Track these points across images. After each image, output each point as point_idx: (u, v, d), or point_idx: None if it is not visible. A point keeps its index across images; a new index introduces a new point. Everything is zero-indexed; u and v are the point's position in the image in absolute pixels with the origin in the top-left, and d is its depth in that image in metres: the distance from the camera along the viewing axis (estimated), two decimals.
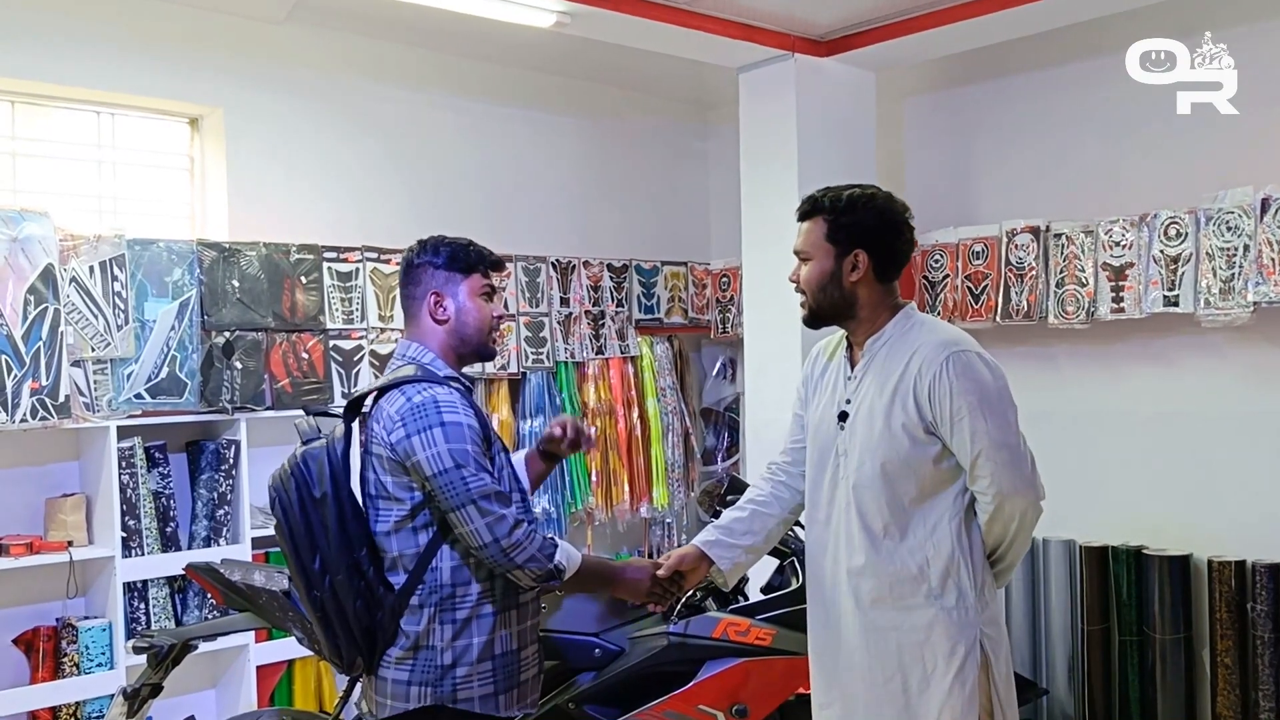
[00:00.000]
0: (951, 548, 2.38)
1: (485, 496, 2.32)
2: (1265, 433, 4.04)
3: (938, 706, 2.36)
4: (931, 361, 2.36)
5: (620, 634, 3.09)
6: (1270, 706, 3.86)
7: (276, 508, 2.41)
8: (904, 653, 2.40)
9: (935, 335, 2.42)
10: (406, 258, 2.57)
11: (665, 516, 5.46)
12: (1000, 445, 2.33)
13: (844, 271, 2.45)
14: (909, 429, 2.37)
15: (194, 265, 4.01)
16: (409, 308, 2.55)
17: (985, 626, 2.38)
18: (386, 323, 4.50)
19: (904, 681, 2.40)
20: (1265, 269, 3.79)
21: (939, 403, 2.34)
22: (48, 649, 3.75)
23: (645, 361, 5.37)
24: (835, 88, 4.61)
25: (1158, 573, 4.10)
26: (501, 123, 5.16)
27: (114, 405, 3.82)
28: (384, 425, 2.39)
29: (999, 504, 2.35)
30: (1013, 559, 2.45)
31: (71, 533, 3.78)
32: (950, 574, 2.38)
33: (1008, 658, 2.46)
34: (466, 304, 2.53)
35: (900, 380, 2.40)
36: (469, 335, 2.54)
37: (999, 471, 2.33)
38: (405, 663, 2.41)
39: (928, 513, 2.40)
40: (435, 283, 2.52)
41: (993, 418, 2.33)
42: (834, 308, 2.50)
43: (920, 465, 2.38)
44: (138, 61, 4.14)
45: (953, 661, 2.36)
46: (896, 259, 2.49)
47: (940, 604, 2.37)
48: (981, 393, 2.33)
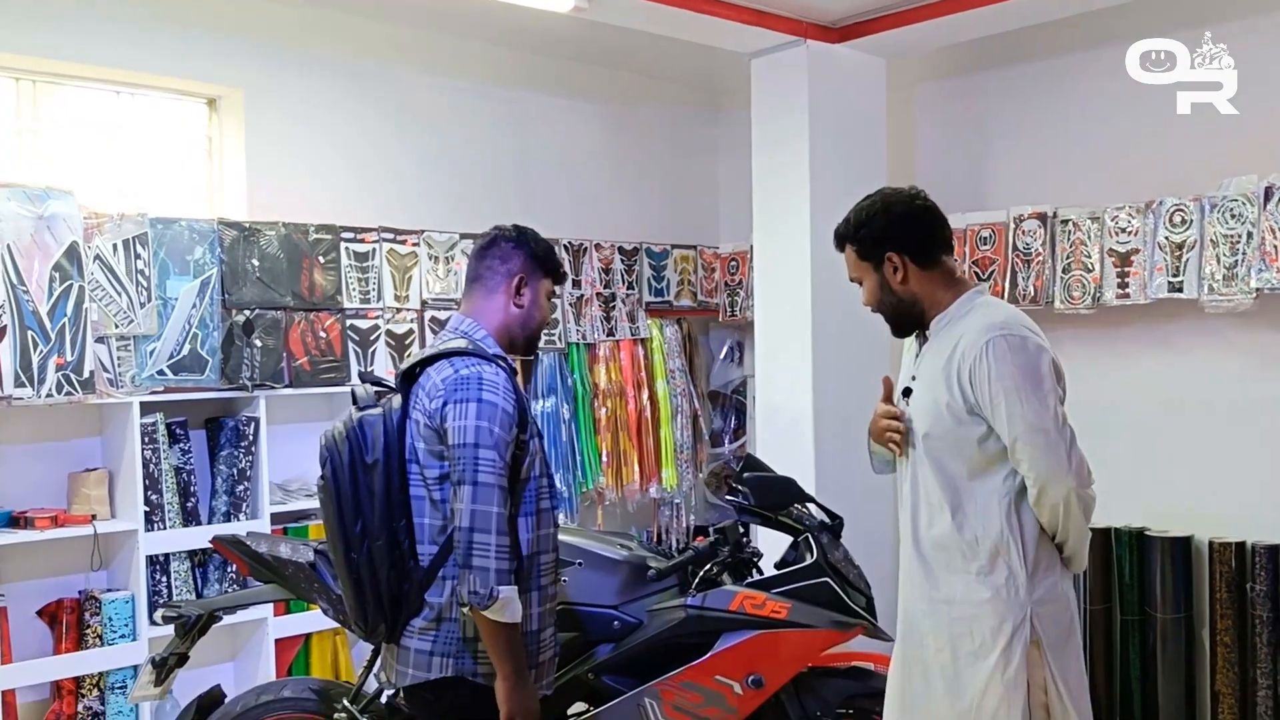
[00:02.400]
0: (1000, 528, 2.43)
1: (487, 484, 2.36)
2: (1266, 417, 4.10)
3: (983, 681, 2.42)
4: (974, 344, 2.42)
5: (639, 606, 3.15)
6: (1268, 684, 3.93)
7: (327, 467, 2.47)
8: (955, 625, 2.47)
9: (986, 318, 2.47)
10: (503, 234, 2.65)
11: (674, 497, 5.52)
12: (1036, 430, 2.37)
13: (889, 278, 2.57)
14: (953, 409, 2.45)
15: (215, 244, 4.06)
16: (487, 280, 2.62)
17: (1038, 606, 2.42)
18: (402, 303, 4.56)
19: (954, 652, 2.48)
20: (1268, 256, 3.85)
21: (980, 386, 2.41)
22: (71, 621, 3.81)
23: (655, 344, 5.43)
24: (846, 74, 4.65)
25: (1159, 554, 4.16)
26: (516, 106, 5.21)
27: (137, 381, 3.88)
28: (428, 392, 2.46)
29: (1040, 488, 2.39)
30: (1075, 545, 2.47)
31: (95, 506, 3.84)
32: (1000, 553, 2.43)
33: (1069, 638, 2.48)
34: (539, 299, 2.65)
35: (948, 361, 2.47)
36: (530, 326, 2.65)
37: (1036, 456, 2.37)
38: (428, 633, 2.47)
39: (978, 491, 2.46)
40: (524, 269, 2.62)
41: (1029, 402, 2.37)
42: (900, 312, 2.61)
43: (965, 445, 2.45)
44: (159, 42, 4.18)
45: (999, 639, 2.41)
46: (928, 242, 2.57)
47: (990, 581, 2.44)
48: (1019, 377, 2.37)
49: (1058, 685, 2.43)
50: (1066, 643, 2.47)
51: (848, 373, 4.60)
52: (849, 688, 3.17)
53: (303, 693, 3.22)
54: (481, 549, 2.33)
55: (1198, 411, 4.27)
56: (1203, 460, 4.25)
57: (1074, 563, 2.53)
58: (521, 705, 2.41)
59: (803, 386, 4.54)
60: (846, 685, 3.18)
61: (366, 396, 2.58)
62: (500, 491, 2.37)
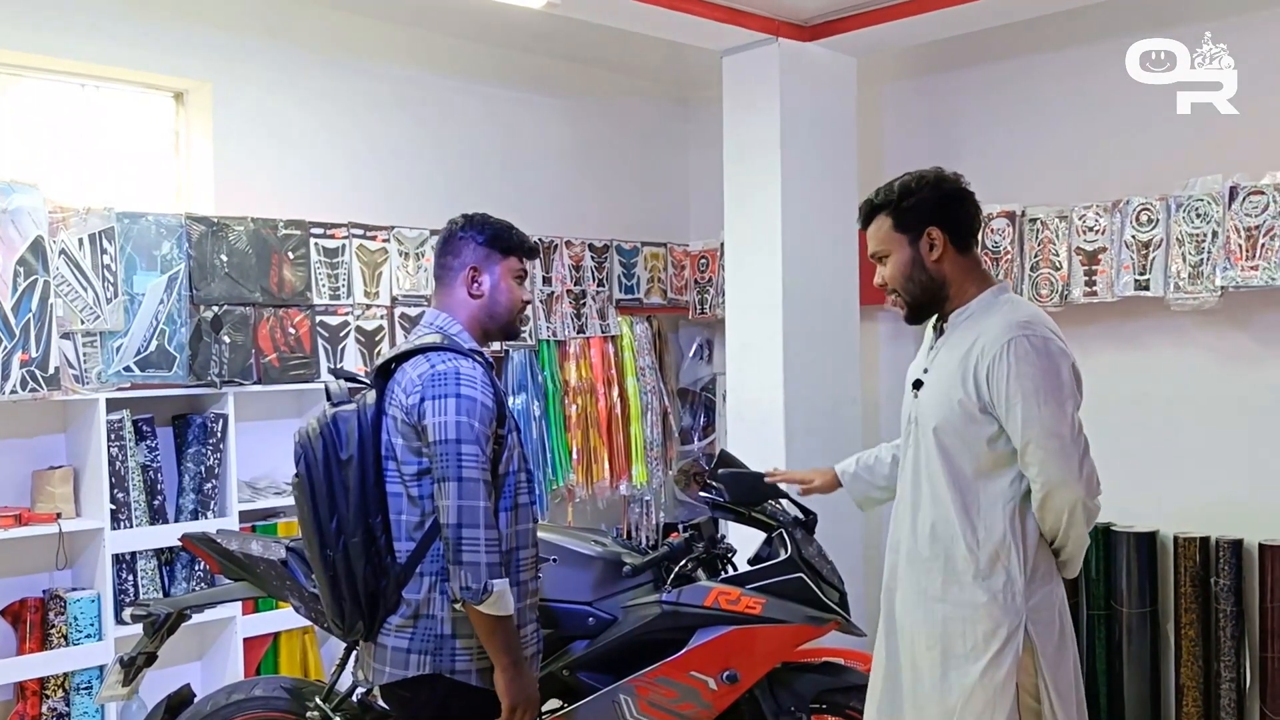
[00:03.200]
0: (1003, 531, 2.41)
1: (472, 480, 2.35)
2: (1230, 414, 4.16)
3: (971, 683, 2.41)
4: (994, 343, 2.38)
5: (613, 603, 3.15)
6: (1231, 677, 3.99)
7: (301, 464, 2.45)
8: (949, 625, 2.45)
9: (1008, 316, 2.42)
10: (449, 229, 2.63)
11: (644, 494, 5.52)
12: (1051, 434, 2.34)
13: (924, 254, 2.50)
14: (966, 406, 2.41)
15: (183, 239, 4.02)
16: (444, 277, 2.61)
17: (1033, 614, 2.40)
18: (372, 299, 4.53)
19: (944, 652, 2.46)
20: (1233, 255, 3.91)
21: (996, 385, 2.37)
22: (35, 620, 3.76)
23: (625, 341, 5.43)
24: (818, 73, 4.67)
25: (1125, 549, 4.21)
26: (487, 102, 5.19)
27: (103, 378, 3.82)
28: (404, 388, 2.44)
29: (1047, 493, 2.37)
30: (1072, 550, 2.46)
31: (60, 505, 3.78)
32: (999, 557, 2.41)
33: (1063, 644, 2.46)
34: (500, 284, 2.61)
35: (965, 357, 2.43)
36: (499, 314, 2.62)
37: (1048, 461, 2.34)
38: (405, 630, 2.46)
39: (983, 493, 2.43)
40: (475, 258, 2.59)
41: (1046, 406, 2.34)
42: (926, 293, 2.53)
43: (975, 443, 2.42)
44: (124, 34, 4.13)
45: (991, 644, 2.39)
46: (969, 225, 2.54)
47: (987, 585, 2.41)
48: (1038, 379, 2.34)
49: (1050, 692, 2.41)
50: (1060, 650, 2.45)
51: (818, 369, 4.62)
52: (822, 682, 3.18)
53: (274, 691, 3.19)
54: (471, 544, 2.32)
55: (1163, 408, 4.33)
56: (1168, 457, 4.31)
57: (1068, 568, 2.52)
58: (523, 694, 2.43)
59: (773, 382, 4.55)
60: (820, 680, 3.19)
61: (340, 392, 2.55)
62: (485, 486, 2.37)
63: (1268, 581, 3.90)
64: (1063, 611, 2.49)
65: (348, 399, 2.53)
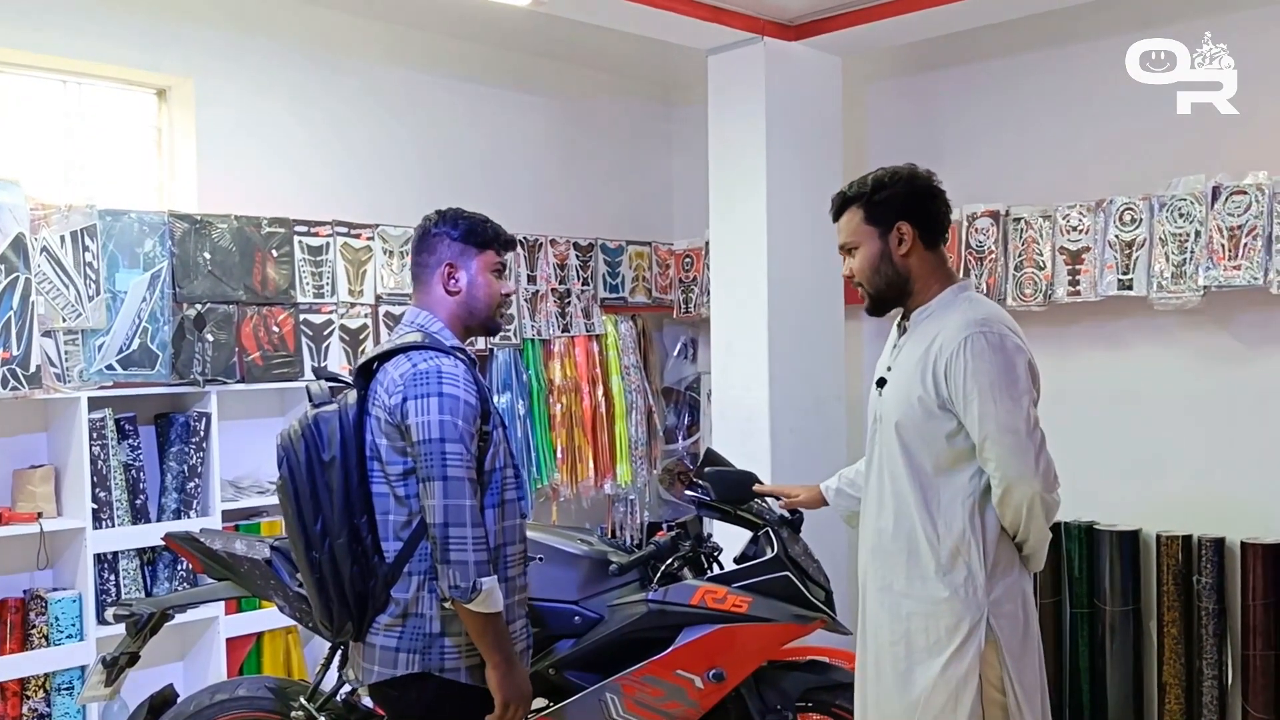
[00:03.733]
0: (963, 527, 2.44)
1: (457, 478, 2.34)
2: (1212, 413, 4.19)
3: (933, 677, 2.43)
4: (951, 340, 2.42)
5: (599, 601, 3.14)
6: (1213, 675, 4.01)
7: (284, 467, 2.44)
8: (912, 620, 2.48)
9: (966, 314, 2.46)
10: (423, 226, 2.61)
11: (628, 493, 5.52)
12: (1007, 430, 2.36)
13: (892, 248, 2.53)
14: (925, 403, 2.44)
15: (165, 237, 3.99)
16: (421, 275, 2.59)
17: (994, 608, 2.42)
18: (356, 297, 4.51)
19: (908, 647, 2.48)
20: (1215, 254, 3.93)
21: (954, 382, 2.40)
22: (15, 621, 3.72)
23: (610, 340, 5.43)
24: (803, 72, 4.67)
25: (1108, 547, 4.22)
26: (472, 100, 5.17)
27: (85, 376, 3.80)
28: (386, 388, 2.43)
29: (1005, 488, 2.39)
30: (1035, 545, 2.48)
31: (41, 504, 3.76)
32: (960, 553, 2.44)
33: (1027, 638, 2.48)
34: (478, 279, 2.59)
35: (924, 355, 2.46)
36: (478, 309, 2.59)
37: (1005, 456, 2.37)
38: (394, 629, 2.45)
39: (943, 488, 2.46)
40: (450, 254, 2.57)
41: (1002, 402, 2.37)
42: (892, 286, 2.56)
43: (934, 440, 2.45)
44: (106, 30, 4.10)
45: (954, 637, 2.42)
46: (938, 222, 2.57)
47: (949, 580, 2.44)
48: (994, 376, 2.37)
49: (1014, 685, 2.43)
50: (1024, 643, 2.48)
51: (803, 367, 4.63)
52: (808, 681, 3.18)
53: (258, 691, 3.17)
54: (458, 543, 2.32)
55: (1146, 407, 4.35)
56: (1150, 455, 4.33)
57: (1032, 562, 2.53)
58: (516, 691, 2.43)
59: (758, 381, 4.56)
60: (806, 679, 3.19)
61: (321, 393, 2.53)
62: (470, 484, 2.36)
63: (1250, 579, 3.92)
64: (1027, 606, 2.51)
65: (329, 399, 2.51)
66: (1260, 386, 4.07)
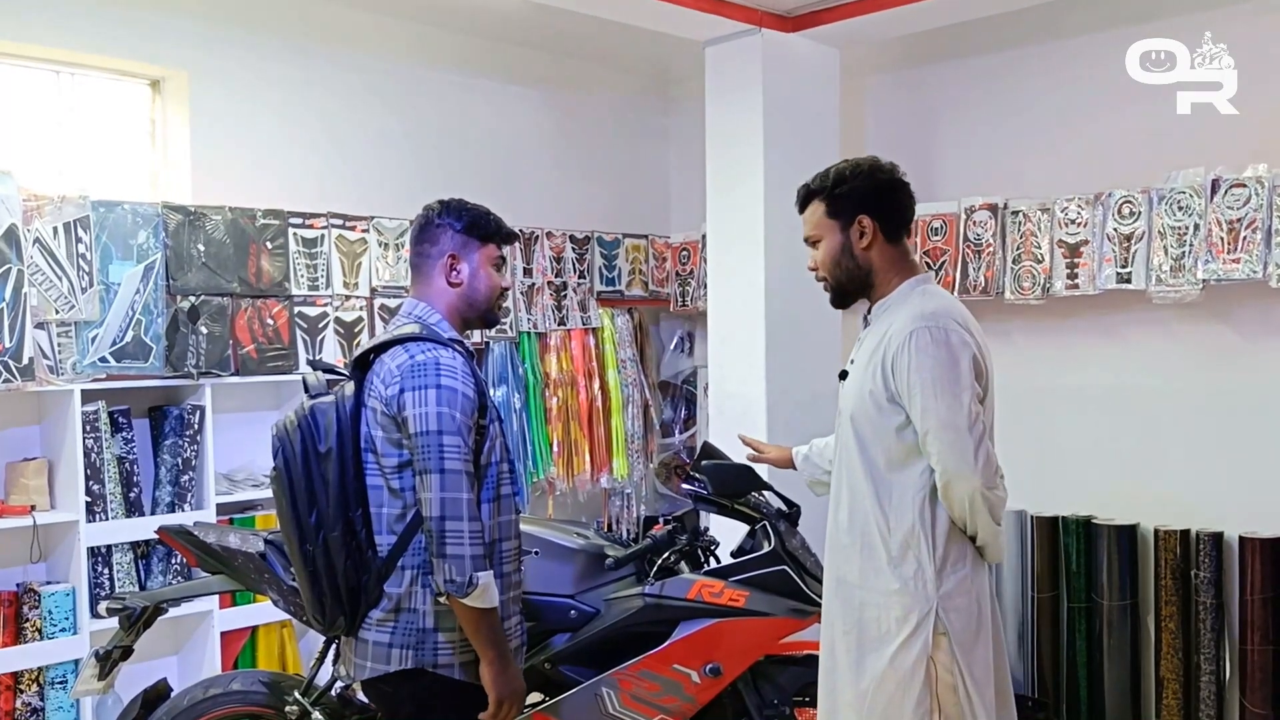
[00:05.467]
0: (913, 521, 2.44)
1: (454, 471, 2.33)
2: (1210, 406, 4.17)
3: (882, 667, 2.45)
4: (899, 333, 2.43)
5: (596, 596, 3.13)
6: (1211, 670, 4.01)
7: (279, 458, 2.42)
8: (864, 610, 2.50)
9: (917, 307, 2.46)
10: (425, 216, 2.59)
11: (625, 487, 5.51)
12: (947, 425, 2.37)
13: (853, 241, 2.55)
14: (875, 396, 2.46)
15: (159, 228, 3.97)
16: (421, 265, 2.57)
17: (945, 600, 2.43)
18: (351, 290, 4.49)
19: (859, 636, 2.51)
20: (1214, 247, 3.92)
21: (900, 376, 2.42)
22: (9, 614, 3.70)
23: (606, 333, 5.41)
24: (800, 64, 4.65)
25: (1106, 542, 4.22)
26: (468, 93, 5.15)
27: (78, 369, 3.78)
28: (383, 379, 2.41)
29: (946, 482, 2.39)
30: (985, 538, 2.47)
31: (34, 497, 3.74)
32: (910, 546, 2.44)
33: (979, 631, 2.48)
34: (480, 271, 2.57)
35: (876, 348, 2.48)
36: (478, 301, 2.58)
37: (944, 451, 2.38)
38: (386, 625, 2.44)
39: (895, 482, 2.46)
40: (453, 245, 2.55)
41: (943, 397, 2.37)
42: (853, 279, 2.58)
43: (885, 433, 2.46)
44: (100, 22, 4.08)
45: (903, 629, 2.43)
46: (900, 215, 2.58)
47: (899, 572, 2.45)
48: (936, 371, 2.38)
49: (964, 676, 2.44)
50: (975, 636, 2.47)
51: (801, 361, 4.61)
52: (805, 675, 3.17)
53: (252, 685, 3.16)
54: (455, 536, 2.30)
55: (1144, 401, 4.33)
56: (1148, 449, 4.32)
57: (987, 553, 2.52)
58: (509, 687, 2.41)
59: (756, 374, 4.54)
60: (803, 673, 3.19)
61: (318, 384, 2.52)
62: (467, 477, 2.34)
63: (1248, 574, 3.91)
64: (981, 599, 2.50)
65: (326, 391, 2.49)
66: (1259, 380, 4.06)
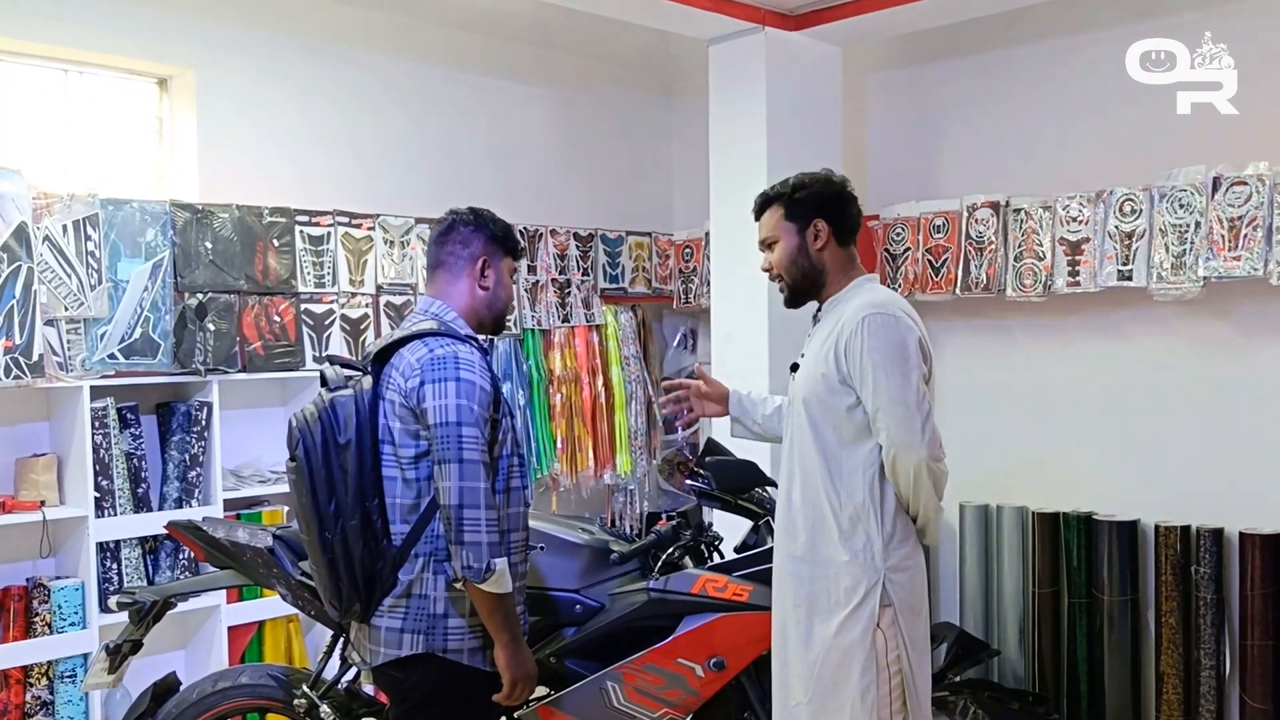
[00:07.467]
0: (863, 496, 2.63)
1: (472, 461, 2.39)
2: (1211, 403, 4.19)
3: (830, 636, 2.63)
4: (851, 320, 2.63)
5: (601, 590, 3.16)
6: (1211, 665, 4.03)
7: (299, 449, 2.47)
8: (815, 583, 2.67)
9: (866, 298, 2.69)
10: (461, 218, 2.68)
11: (628, 483, 5.53)
12: (896, 401, 2.57)
13: (809, 242, 2.78)
14: (828, 379, 2.66)
15: (167, 226, 4.00)
16: (451, 265, 2.65)
17: (892, 573, 2.61)
18: (357, 287, 4.51)
19: (810, 609, 2.67)
20: (1215, 245, 3.93)
21: (852, 359, 2.61)
22: (19, 609, 3.74)
23: (610, 330, 5.43)
24: (803, 62, 4.67)
25: (1107, 537, 4.25)
26: (472, 91, 5.17)
27: (87, 365, 3.80)
28: (402, 372, 2.48)
29: (894, 455, 2.58)
30: (925, 516, 2.67)
31: (43, 492, 3.77)
32: (860, 519, 2.63)
33: (919, 605, 2.68)
34: (503, 279, 2.70)
35: (829, 336, 2.68)
36: (498, 307, 2.70)
37: (893, 426, 2.57)
38: (398, 610, 2.50)
39: (846, 460, 2.66)
40: (486, 251, 2.66)
41: (893, 376, 2.58)
42: (807, 279, 2.80)
43: (836, 413, 2.65)
44: (108, 20, 4.10)
45: (852, 598, 2.61)
46: (850, 222, 2.81)
47: (849, 545, 2.63)
48: (886, 352, 2.58)
49: (906, 643, 2.62)
50: (916, 609, 2.67)
51: None
52: None
53: (261, 679, 3.19)
54: (472, 524, 2.37)
55: (1145, 398, 4.35)
56: (1149, 446, 4.34)
57: (925, 534, 2.71)
58: (522, 669, 2.52)
59: (757, 372, 4.56)
60: None
61: (336, 378, 2.58)
62: (485, 467, 2.42)
63: (1248, 570, 3.94)
64: (919, 574, 2.70)
65: (344, 384, 2.55)
66: (1259, 377, 4.08)
